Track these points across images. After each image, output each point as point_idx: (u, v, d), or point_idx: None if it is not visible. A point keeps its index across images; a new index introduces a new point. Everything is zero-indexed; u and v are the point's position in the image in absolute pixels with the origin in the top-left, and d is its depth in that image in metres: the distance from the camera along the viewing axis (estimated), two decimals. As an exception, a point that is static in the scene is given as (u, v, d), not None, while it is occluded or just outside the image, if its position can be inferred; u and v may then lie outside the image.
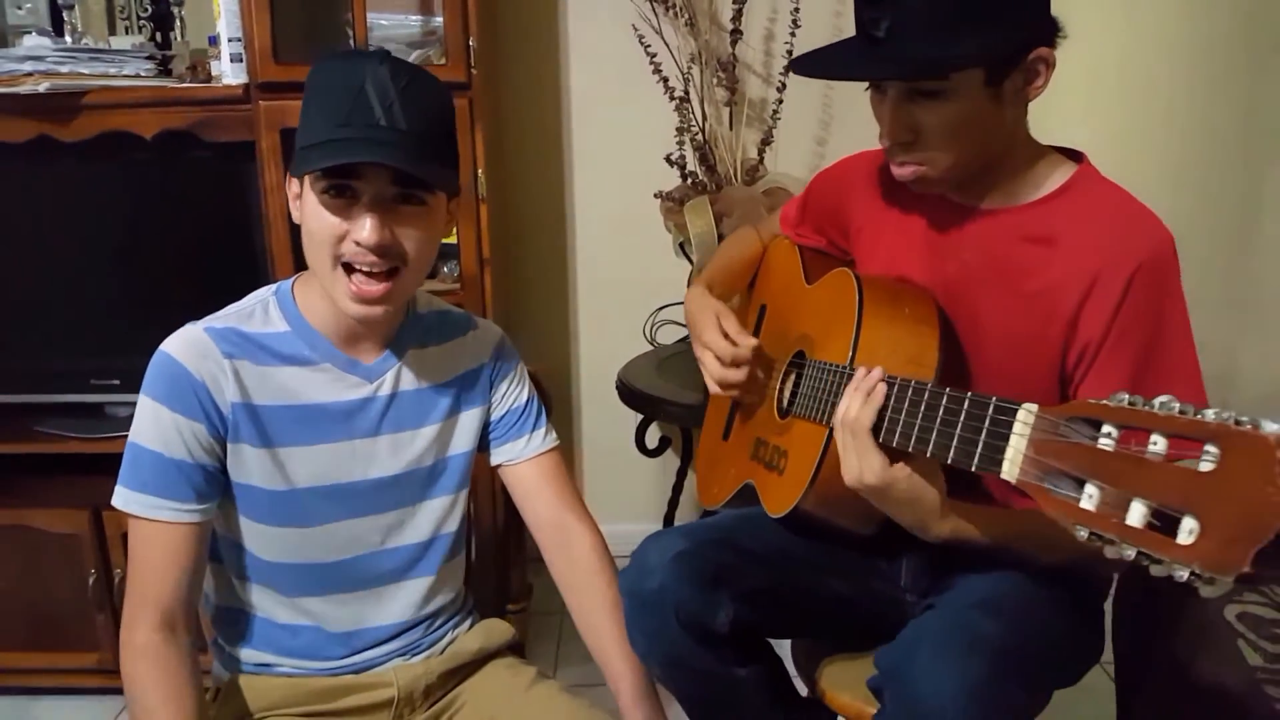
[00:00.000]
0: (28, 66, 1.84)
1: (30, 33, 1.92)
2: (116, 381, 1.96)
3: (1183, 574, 0.64)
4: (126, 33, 2.07)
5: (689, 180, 2.22)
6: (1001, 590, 1.08)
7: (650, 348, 2.39)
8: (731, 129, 2.26)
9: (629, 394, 2.10)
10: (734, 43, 2.22)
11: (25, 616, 2.02)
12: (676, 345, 2.38)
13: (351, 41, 1.94)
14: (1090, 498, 0.73)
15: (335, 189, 1.03)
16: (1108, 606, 1.32)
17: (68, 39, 1.94)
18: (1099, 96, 2.55)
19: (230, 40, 1.88)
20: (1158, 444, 0.69)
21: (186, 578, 1.09)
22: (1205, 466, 0.64)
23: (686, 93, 2.21)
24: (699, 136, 2.21)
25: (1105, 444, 0.73)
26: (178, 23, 2.07)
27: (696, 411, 2.03)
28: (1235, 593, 1.19)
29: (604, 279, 2.50)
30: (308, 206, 1.06)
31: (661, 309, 2.40)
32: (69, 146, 1.86)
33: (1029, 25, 1.03)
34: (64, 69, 1.84)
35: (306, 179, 1.05)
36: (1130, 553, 0.68)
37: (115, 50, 1.89)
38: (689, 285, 2.09)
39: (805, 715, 1.28)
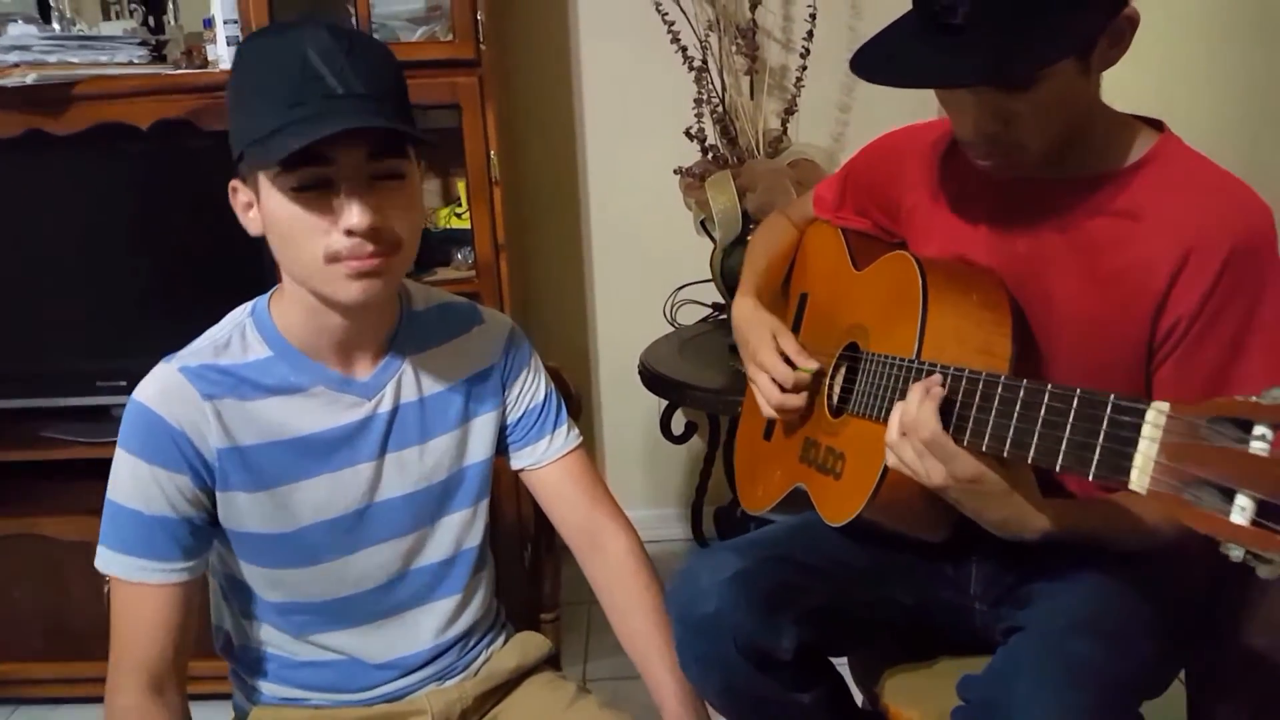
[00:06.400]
0: (14, 57, 1.77)
1: (16, 20, 1.85)
2: (123, 383, 1.87)
3: None
4: (116, 17, 1.99)
5: (709, 154, 2.13)
6: (1095, 608, 0.99)
7: (671, 329, 2.32)
8: (753, 99, 2.17)
9: (652, 379, 2.03)
10: (753, 7, 2.13)
11: (42, 626, 1.98)
12: (698, 326, 2.30)
13: (354, 20, 1.85)
14: (1243, 510, 0.64)
15: (306, 182, 0.92)
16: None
17: (55, 26, 1.87)
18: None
19: (226, 23, 1.81)
20: None
21: (174, 639, 1.01)
22: None
23: (705, 62, 2.11)
24: (719, 108, 2.12)
25: (1259, 447, 0.64)
26: (170, 6, 2.00)
27: (722, 396, 1.96)
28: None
29: (622, 259, 2.43)
30: (273, 210, 0.95)
31: (682, 288, 2.33)
32: (61, 140, 1.79)
33: None
34: (52, 58, 1.78)
35: (263, 179, 0.94)
36: None
37: (106, 37, 1.82)
38: (728, 286, 2.03)
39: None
